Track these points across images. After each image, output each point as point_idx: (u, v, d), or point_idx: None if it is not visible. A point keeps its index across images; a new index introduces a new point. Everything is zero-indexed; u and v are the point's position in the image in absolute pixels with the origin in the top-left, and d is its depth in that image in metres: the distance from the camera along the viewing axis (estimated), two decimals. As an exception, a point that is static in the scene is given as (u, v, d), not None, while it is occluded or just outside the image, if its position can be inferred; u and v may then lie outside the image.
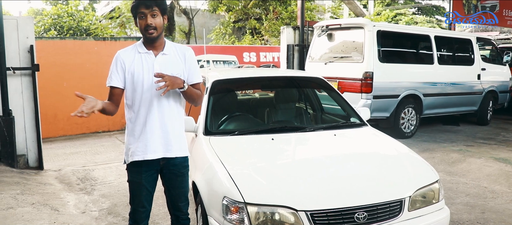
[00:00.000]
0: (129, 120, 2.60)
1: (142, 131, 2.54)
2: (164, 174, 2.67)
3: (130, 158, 2.57)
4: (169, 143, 2.57)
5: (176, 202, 2.73)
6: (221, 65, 12.16)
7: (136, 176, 2.61)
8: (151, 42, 2.54)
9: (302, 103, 4.61)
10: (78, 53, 8.68)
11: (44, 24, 13.30)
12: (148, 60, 2.54)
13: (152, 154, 2.54)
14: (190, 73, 2.63)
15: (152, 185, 2.66)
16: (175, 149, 2.60)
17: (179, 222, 2.78)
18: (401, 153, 3.38)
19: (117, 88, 2.54)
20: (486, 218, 4.09)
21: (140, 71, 2.51)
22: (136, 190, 2.63)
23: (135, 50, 2.57)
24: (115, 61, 2.55)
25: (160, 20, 2.50)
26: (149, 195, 2.66)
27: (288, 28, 10.21)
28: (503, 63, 9.64)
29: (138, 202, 2.64)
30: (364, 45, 7.21)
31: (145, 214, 2.68)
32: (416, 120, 7.87)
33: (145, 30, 2.47)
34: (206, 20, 24.27)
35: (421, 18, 24.80)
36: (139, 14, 2.46)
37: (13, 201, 4.25)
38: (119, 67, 2.53)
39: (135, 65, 2.52)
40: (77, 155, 7.01)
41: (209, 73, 4.45)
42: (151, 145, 2.53)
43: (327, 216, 2.50)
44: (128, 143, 2.60)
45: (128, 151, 2.59)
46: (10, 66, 5.59)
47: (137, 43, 2.60)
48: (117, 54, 2.57)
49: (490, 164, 5.92)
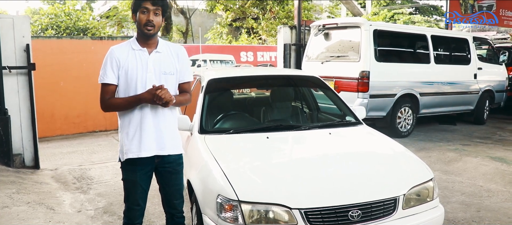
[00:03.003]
0: (122, 118, 2.60)
1: (136, 129, 2.53)
2: (159, 171, 2.67)
3: (124, 156, 2.57)
4: (163, 140, 2.58)
5: (171, 200, 2.73)
6: (218, 64, 12.16)
7: (130, 174, 2.61)
8: (146, 39, 2.54)
9: (298, 102, 4.61)
10: (75, 53, 8.67)
11: (41, 23, 13.25)
12: (142, 57, 2.53)
13: (146, 152, 2.54)
14: (182, 72, 2.65)
15: (146, 183, 2.66)
16: (169, 146, 2.61)
17: (174, 220, 2.78)
18: (395, 151, 3.39)
19: (112, 85, 2.53)
20: (481, 216, 4.10)
21: (134, 68, 2.51)
22: (131, 188, 2.63)
23: (129, 47, 2.56)
24: (109, 58, 2.53)
25: (160, 20, 2.52)
26: (144, 193, 2.66)
27: (285, 28, 10.22)
28: (500, 62, 9.67)
29: (133, 200, 2.64)
30: (361, 45, 7.22)
31: (139, 212, 2.68)
32: (412, 119, 7.89)
33: (144, 26, 2.47)
34: (203, 19, 24.26)
35: (419, 17, 24.82)
36: (142, 8, 2.46)
37: (9, 200, 4.24)
38: (114, 64, 2.51)
39: (129, 62, 2.52)
40: (74, 154, 7.00)
41: (205, 72, 4.45)
42: (145, 143, 2.53)
43: (321, 214, 2.51)
44: (122, 141, 2.60)
45: (122, 148, 2.59)
46: (6, 65, 5.59)
47: (130, 40, 2.60)
48: (111, 50, 2.55)
49: (486, 163, 5.94)
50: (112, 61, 2.52)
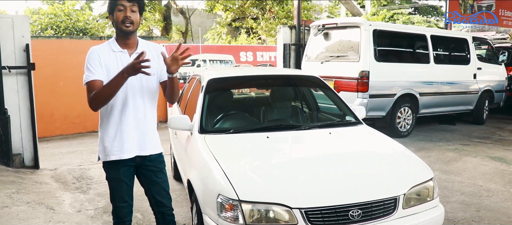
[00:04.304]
0: (102, 117, 2.59)
1: (117, 130, 2.54)
2: (141, 172, 2.68)
3: (107, 157, 2.57)
4: (144, 141, 2.60)
5: (158, 198, 2.73)
6: (217, 64, 12.15)
7: (114, 172, 2.62)
8: (125, 36, 2.51)
9: (298, 102, 4.61)
10: (74, 53, 8.66)
11: (41, 23, 13.25)
12: (122, 59, 2.51)
13: (128, 153, 2.56)
14: (162, 71, 2.60)
15: (130, 179, 2.67)
16: (149, 146, 2.62)
17: (165, 218, 2.78)
18: (395, 151, 3.39)
19: (99, 80, 2.45)
20: (481, 216, 4.10)
21: (115, 70, 2.44)
22: (116, 186, 2.64)
23: (109, 48, 2.53)
24: (92, 56, 2.48)
25: (138, 17, 2.50)
26: (129, 190, 2.67)
27: (284, 28, 10.22)
28: (499, 62, 9.67)
29: (119, 197, 2.65)
30: (360, 45, 7.22)
31: (127, 209, 2.69)
32: (412, 119, 7.89)
33: (122, 23, 2.44)
34: (203, 19, 24.23)
35: (418, 18, 24.83)
36: (119, 6, 2.43)
37: (9, 200, 4.24)
38: (97, 61, 2.46)
39: (110, 63, 2.49)
40: (73, 154, 7.00)
41: (205, 72, 4.45)
42: (127, 145, 2.54)
43: (322, 214, 2.51)
44: (102, 141, 2.59)
45: (104, 149, 2.58)
46: (5, 65, 5.58)
47: (110, 41, 2.57)
48: (92, 50, 2.51)
49: (486, 162, 5.94)
50: (94, 59, 2.47)
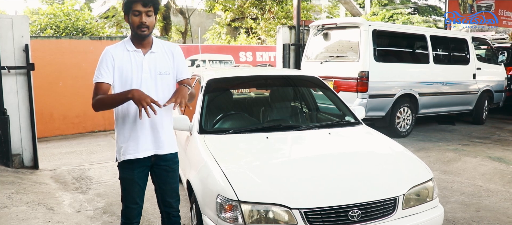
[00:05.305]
0: (117, 118, 2.60)
1: (132, 129, 2.54)
2: (155, 170, 2.68)
3: (122, 157, 2.57)
4: (160, 140, 2.59)
5: (167, 198, 2.73)
6: (217, 64, 12.15)
7: (128, 172, 2.61)
8: (141, 39, 2.54)
9: (297, 102, 4.61)
10: (74, 53, 8.64)
11: (40, 23, 13.22)
12: (136, 58, 2.53)
13: (143, 152, 2.55)
14: (179, 70, 2.65)
15: (144, 181, 2.67)
16: (165, 145, 2.62)
17: (171, 218, 2.78)
18: (395, 151, 3.39)
19: (106, 84, 2.50)
20: (480, 216, 4.10)
21: (129, 69, 2.50)
22: (129, 186, 2.63)
23: (124, 48, 2.55)
24: (104, 57, 2.52)
25: (153, 19, 2.51)
26: (141, 191, 2.67)
27: (284, 28, 10.22)
28: (499, 62, 9.67)
29: (131, 198, 2.65)
30: (360, 45, 7.22)
31: (137, 210, 2.69)
32: (411, 119, 7.89)
33: (138, 28, 2.47)
34: (202, 19, 24.23)
35: (417, 18, 24.85)
36: (134, 11, 2.45)
37: (8, 200, 4.23)
38: (109, 63, 2.50)
39: (124, 62, 2.51)
40: (73, 155, 6.99)
41: (205, 72, 4.45)
42: (142, 144, 2.54)
43: (321, 214, 2.51)
44: (119, 141, 2.60)
45: (120, 149, 2.59)
46: (5, 65, 5.58)
47: (125, 40, 2.59)
48: (106, 50, 2.55)
49: (485, 163, 5.94)
50: (107, 61, 2.51)
